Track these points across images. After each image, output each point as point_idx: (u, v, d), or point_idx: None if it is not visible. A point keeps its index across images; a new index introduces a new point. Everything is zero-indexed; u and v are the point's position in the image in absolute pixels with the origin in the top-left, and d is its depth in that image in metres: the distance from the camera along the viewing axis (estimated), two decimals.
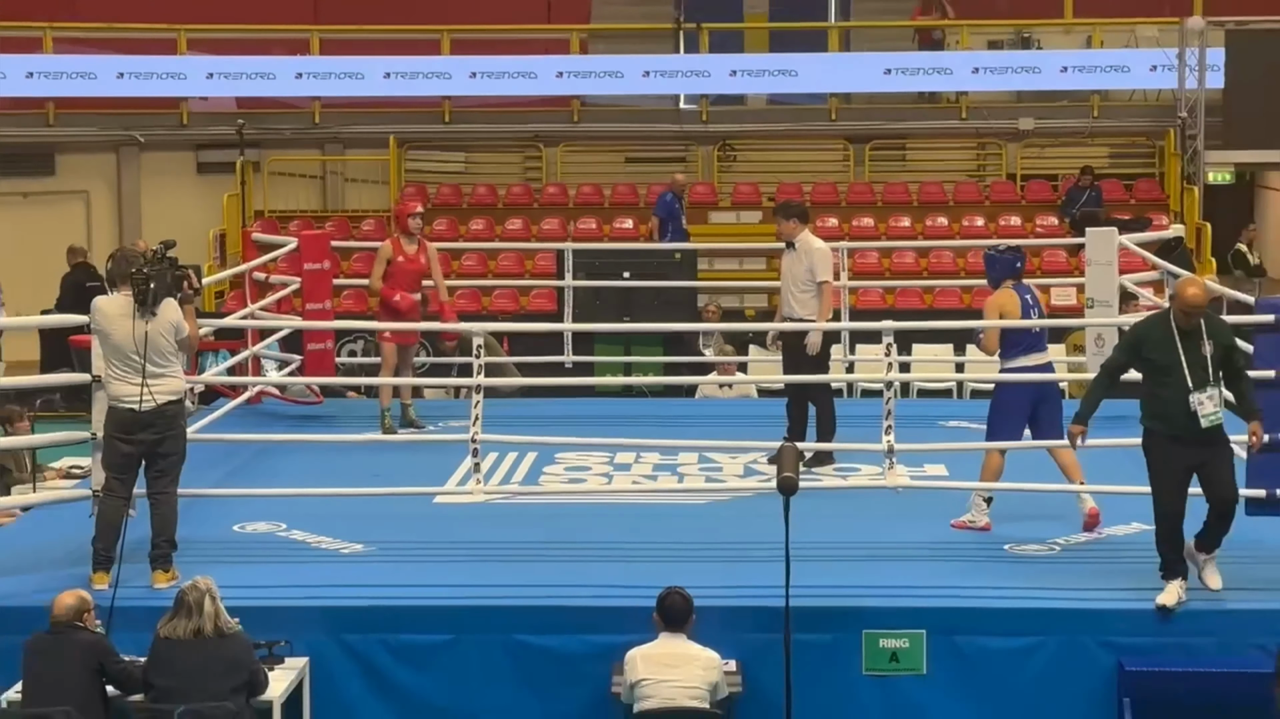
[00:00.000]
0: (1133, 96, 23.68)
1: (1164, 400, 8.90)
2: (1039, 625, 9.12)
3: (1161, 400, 8.91)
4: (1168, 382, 8.86)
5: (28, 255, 21.89)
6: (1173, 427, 8.90)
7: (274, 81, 23.31)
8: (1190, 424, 8.83)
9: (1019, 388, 10.47)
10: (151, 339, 9.37)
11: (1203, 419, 8.81)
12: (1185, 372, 8.80)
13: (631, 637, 8.82)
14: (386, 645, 9.22)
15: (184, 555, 9.61)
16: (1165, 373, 8.88)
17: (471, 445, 10.72)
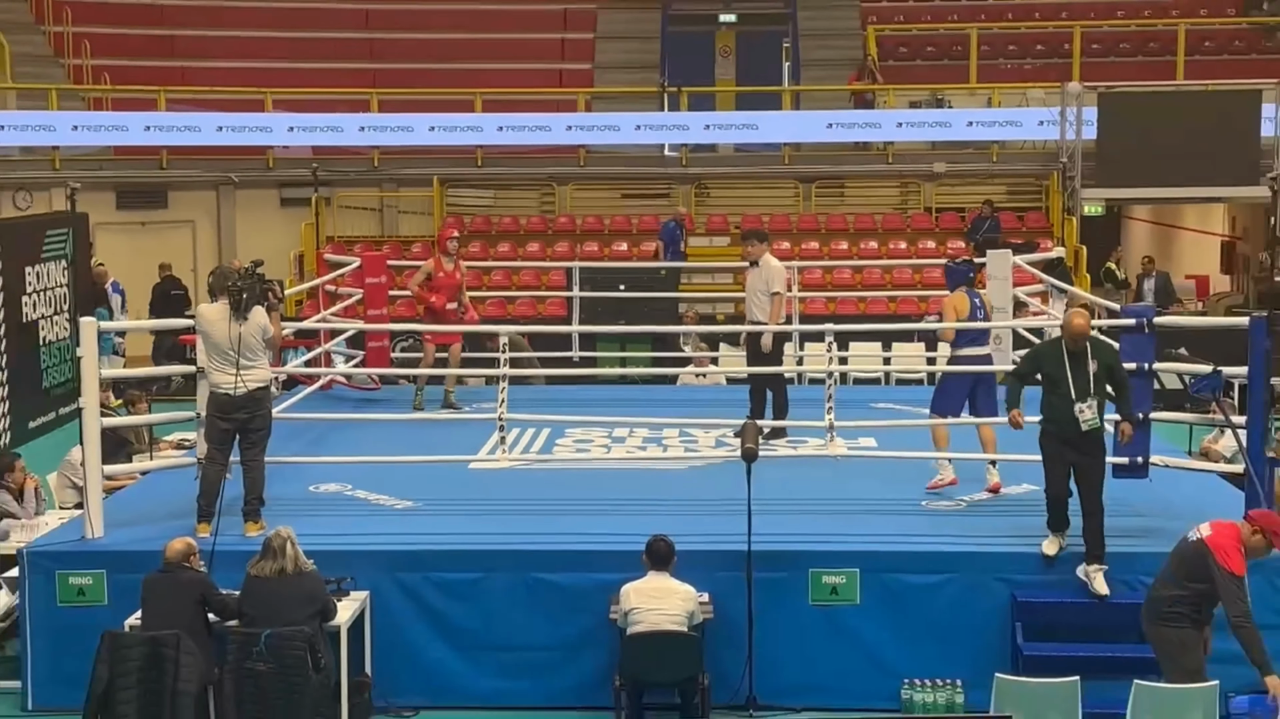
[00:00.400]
0: (1024, 145, 23.61)
1: (1054, 407, 8.85)
2: (949, 565, 9.14)
3: (1053, 407, 8.87)
4: (1058, 392, 8.81)
5: (145, 272, 21.82)
6: (1061, 428, 8.84)
7: (341, 134, 23.21)
8: (1073, 427, 8.79)
9: (961, 373, 10.44)
10: (244, 338, 9.36)
11: (1083, 424, 8.77)
12: (1070, 385, 8.76)
13: (625, 574, 8.82)
14: (430, 581, 9.24)
15: (270, 510, 9.62)
16: (1056, 385, 8.82)
17: (499, 423, 10.71)
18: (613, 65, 26.11)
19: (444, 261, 13.30)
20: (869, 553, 9.19)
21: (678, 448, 11.89)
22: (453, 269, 13.30)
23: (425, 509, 10.13)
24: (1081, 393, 8.77)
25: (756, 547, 8.76)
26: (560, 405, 12.71)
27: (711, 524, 9.48)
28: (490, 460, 11.11)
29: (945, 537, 9.41)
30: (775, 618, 9.02)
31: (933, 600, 9.10)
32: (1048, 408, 8.93)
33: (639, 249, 22.17)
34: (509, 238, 22.77)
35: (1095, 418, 8.81)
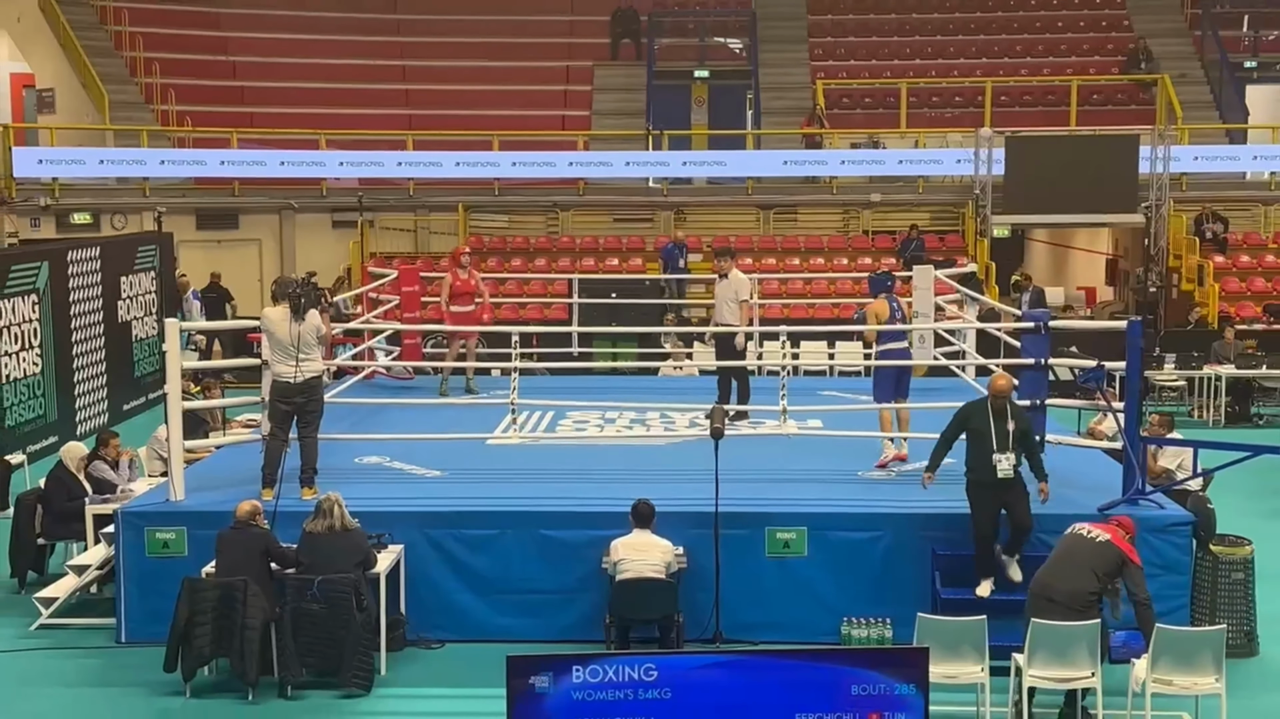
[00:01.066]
0: (945, 180, 23.60)
1: (977, 457, 8.60)
2: (881, 525, 9.16)
3: (976, 457, 8.61)
4: (981, 445, 8.57)
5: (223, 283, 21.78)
6: (982, 476, 8.60)
7: (383, 168, 23.13)
8: (993, 475, 8.54)
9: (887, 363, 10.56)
10: (302, 336, 9.34)
11: (999, 472, 8.54)
12: (993, 438, 8.54)
13: (614, 531, 8.83)
14: (455, 537, 9.25)
15: (322, 478, 9.59)
16: (980, 439, 8.58)
17: (511, 406, 10.69)
18: (607, 112, 26.07)
19: (459, 272, 13.34)
20: (815, 514, 9.21)
21: (658, 427, 11.90)
22: (467, 277, 13.34)
23: (450, 477, 10.13)
24: (1001, 445, 8.50)
25: (723, 509, 8.77)
26: (562, 392, 12.70)
27: (686, 490, 9.49)
28: (504, 437, 11.11)
29: (878, 500, 9.43)
30: (738, 567, 9.04)
31: (867, 553, 9.13)
32: (972, 458, 8.63)
33: (628, 263, 22.15)
34: (521, 254, 22.74)
35: (1010, 469, 8.54)
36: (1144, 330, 9.31)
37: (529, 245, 23.11)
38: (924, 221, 23.16)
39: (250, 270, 22.72)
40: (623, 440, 11.49)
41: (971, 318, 13.88)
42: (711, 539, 8.79)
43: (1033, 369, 9.65)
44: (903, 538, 9.10)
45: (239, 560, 8.37)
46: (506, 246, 23.12)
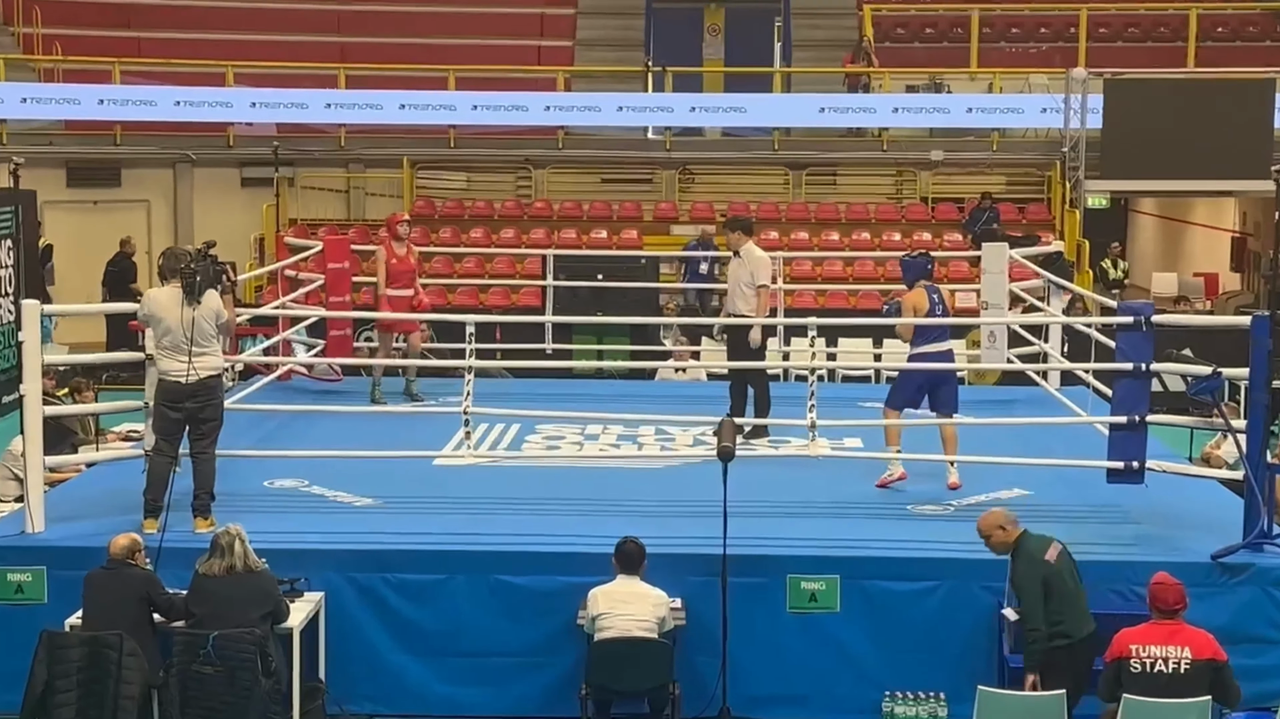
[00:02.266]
0: (1026, 134, 23.70)
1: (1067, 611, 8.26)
2: (933, 572, 9.17)
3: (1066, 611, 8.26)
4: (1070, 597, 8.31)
5: (96, 254, 21.79)
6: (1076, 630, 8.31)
7: (306, 111, 23.18)
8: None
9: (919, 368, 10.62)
10: (196, 323, 9.37)
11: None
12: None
13: (594, 578, 8.85)
14: (389, 583, 9.25)
15: (222, 506, 9.62)
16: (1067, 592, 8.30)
17: (464, 417, 10.72)
18: (594, 43, 26.14)
19: (395, 247, 13.41)
20: (850, 558, 9.22)
21: (653, 446, 11.93)
22: (405, 253, 13.41)
23: (385, 507, 10.15)
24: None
25: (732, 550, 8.79)
26: (530, 399, 12.73)
27: (685, 526, 9.51)
28: (455, 456, 11.13)
29: (930, 542, 9.43)
30: (751, 625, 9.05)
31: (916, 608, 9.13)
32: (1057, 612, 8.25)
33: (619, 236, 22.20)
34: (482, 223, 22.79)
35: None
36: (1274, 329, 9.34)
37: (493, 212, 23.17)
38: (998, 188, 23.24)
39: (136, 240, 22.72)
40: (607, 462, 11.51)
41: (1056, 311, 13.94)
42: (718, 589, 8.81)
43: (1131, 376, 9.69)
44: (962, 590, 9.12)
45: (113, 609, 8.38)
46: (464, 213, 23.18)
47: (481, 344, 11.30)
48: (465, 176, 24.26)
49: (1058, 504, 10.25)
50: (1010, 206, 22.83)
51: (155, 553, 8.88)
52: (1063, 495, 10.43)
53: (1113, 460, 9.70)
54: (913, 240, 22.11)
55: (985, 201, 21.96)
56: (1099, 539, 9.42)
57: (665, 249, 21.12)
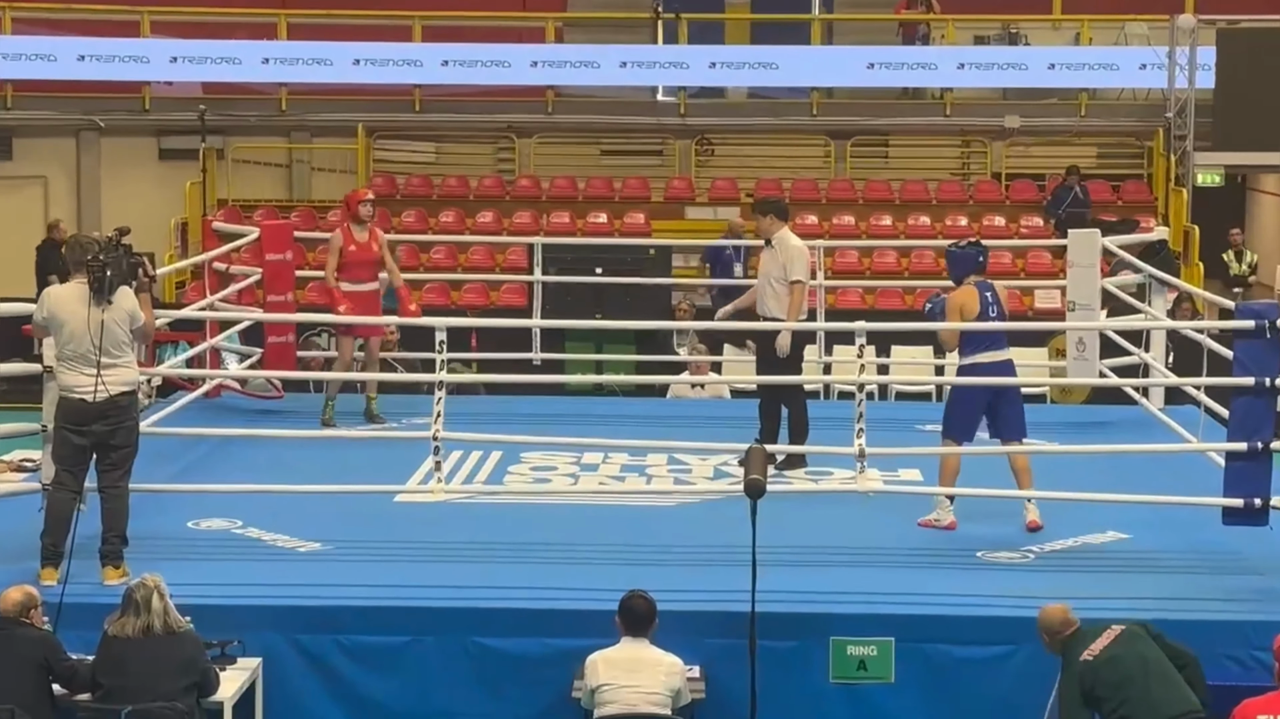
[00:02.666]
0: (1121, 95, 23.76)
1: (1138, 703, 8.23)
2: (1009, 634, 9.13)
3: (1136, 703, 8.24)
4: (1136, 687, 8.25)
5: None
6: None
7: (239, 66, 23.26)
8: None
9: (974, 385, 10.66)
10: (107, 328, 9.36)
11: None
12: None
13: (593, 640, 8.84)
14: (341, 646, 9.22)
15: (136, 552, 9.60)
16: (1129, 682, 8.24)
17: (434, 443, 10.73)
18: None
19: (355, 231, 13.42)
20: (907, 617, 9.22)
21: (665, 479, 11.93)
22: (367, 239, 13.42)
23: (337, 553, 10.14)
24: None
25: (762, 607, 8.79)
26: (515, 422, 12.73)
27: (705, 577, 9.50)
28: (422, 492, 11.10)
29: (1004, 597, 9.42)
30: (785, 699, 9.03)
31: (987, 678, 9.13)
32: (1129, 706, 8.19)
33: (622, 221, 22.25)
34: (454, 204, 22.85)
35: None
36: None
37: (468, 191, 23.22)
38: (1088, 161, 23.29)
39: (29, 224, 22.81)
40: (609, 498, 11.50)
41: (1160, 313, 13.95)
42: (744, 654, 8.81)
43: (1252, 394, 9.70)
44: (1043, 655, 9.03)
45: (3, 678, 8.39)
46: (433, 193, 23.25)
47: (454, 353, 11.31)
48: (434, 148, 24.33)
49: (1161, 551, 10.26)
50: (1102, 184, 22.88)
51: (55, 609, 8.88)
52: (1168, 540, 10.42)
53: (1230, 497, 9.68)
54: (981, 225, 22.18)
55: (1071, 178, 22.01)
56: (1213, 594, 9.41)
57: (680, 237, 21.16)
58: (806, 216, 22.23)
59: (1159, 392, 13.52)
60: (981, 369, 10.66)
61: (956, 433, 10.69)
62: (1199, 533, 10.29)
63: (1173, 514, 10.66)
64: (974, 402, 10.68)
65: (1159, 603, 9.21)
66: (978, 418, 10.71)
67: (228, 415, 13.55)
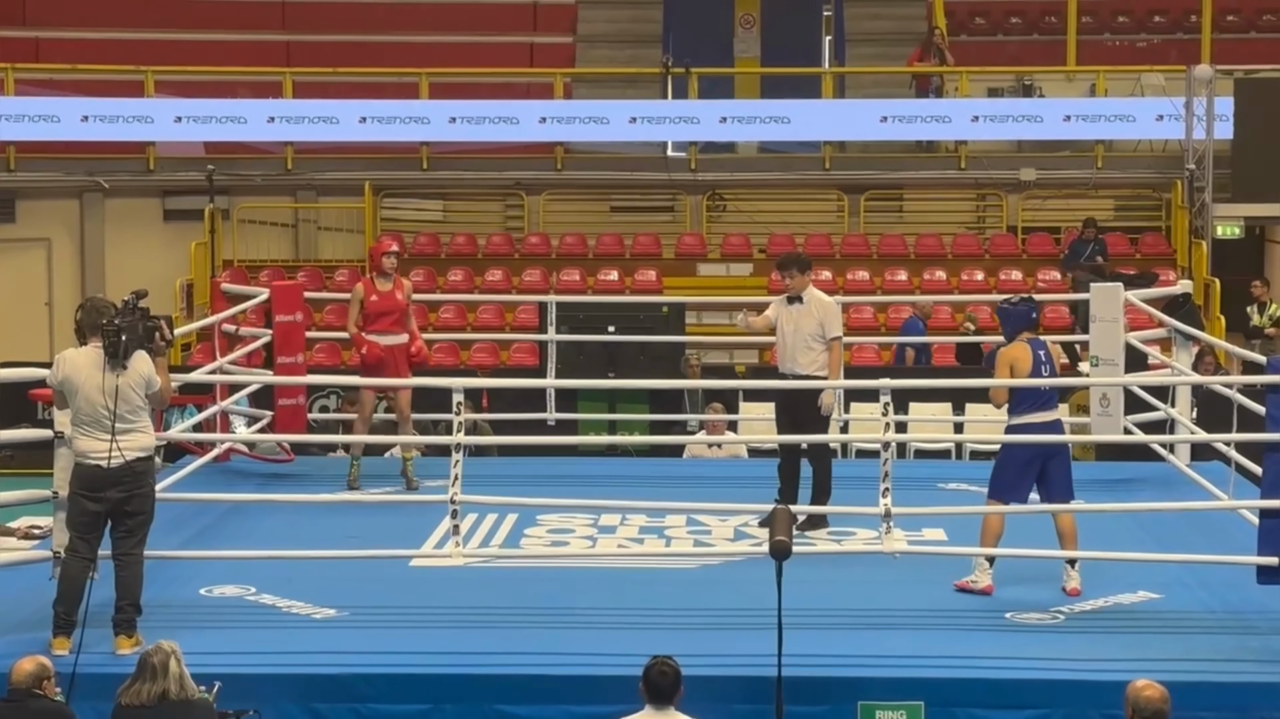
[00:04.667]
0: (1138, 147, 23.78)
1: None
2: (1042, 698, 9.11)
3: None
4: None
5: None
6: None
7: (244, 125, 23.32)
8: None
9: (1025, 445, 10.59)
10: (122, 392, 9.37)
11: None
12: None
13: (616, 707, 8.75)
14: (360, 715, 9.20)
15: (148, 620, 9.58)
16: None
17: (450, 506, 10.70)
18: (600, 38, 26.31)
19: (378, 283, 13.39)
20: (937, 680, 9.19)
21: (685, 540, 11.89)
22: (390, 290, 13.38)
23: (353, 620, 10.12)
24: None
25: (789, 671, 8.72)
26: (530, 483, 12.70)
27: (729, 641, 9.48)
28: (439, 556, 11.10)
29: (1036, 659, 9.40)
30: None
31: None
32: None
33: (634, 278, 22.26)
34: (463, 263, 22.86)
35: None
36: None
37: (476, 249, 23.24)
38: (1105, 214, 23.29)
39: (33, 286, 22.83)
40: (628, 561, 11.47)
41: (1185, 366, 13.93)
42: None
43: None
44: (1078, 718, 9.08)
45: None
46: (441, 251, 23.27)
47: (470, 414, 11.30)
48: (442, 205, 24.36)
49: (1192, 611, 10.22)
50: (1120, 237, 22.86)
51: (68, 680, 8.85)
52: (1199, 600, 10.38)
53: (1264, 555, 9.65)
54: (999, 280, 22.18)
55: (1089, 231, 21.98)
56: (1248, 655, 9.38)
57: (693, 294, 21.16)
58: (821, 272, 22.11)
59: (1185, 448, 13.49)
60: (1033, 429, 10.57)
61: (1003, 494, 10.61)
62: (1233, 592, 10.27)
63: (1206, 573, 10.63)
64: (1023, 462, 10.56)
65: (1193, 664, 9.18)
66: (1029, 480, 10.61)
67: (238, 480, 13.54)
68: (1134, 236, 23.14)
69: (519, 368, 19.89)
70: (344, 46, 25.27)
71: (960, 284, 22.20)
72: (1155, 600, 10.36)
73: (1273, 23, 25.55)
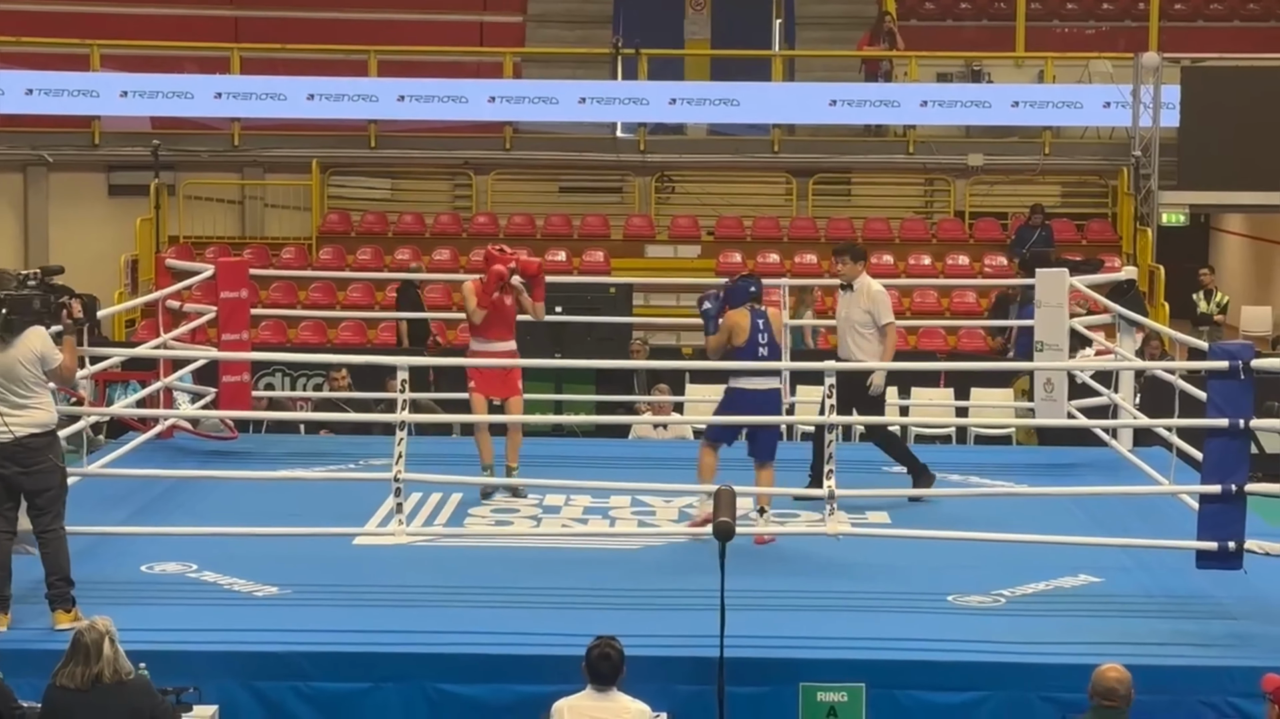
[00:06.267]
0: (1085, 134, 23.86)
1: None
2: (982, 680, 9.14)
3: None
4: None
5: None
6: None
7: (191, 101, 23.20)
8: None
9: (737, 404, 11.28)
10: (10, 368, 9.28)
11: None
12: None
13: (558, 687, 8.74)
14: (300, 693, 9.15)
15: (89, 596, 9.51)
16: None
17: (394, 484, 10.66)
18: (550, 18, 26.23)
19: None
20: (878, 662, 9.20)
21: (629, 521, 11.90)
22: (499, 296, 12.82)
23: (295, 598, 10.07)
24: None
25: (731, 652, 8.71)
26: (475, 463, 12.69)
27: (672, 622, 9.47)
28: (382, 534, 11.08)
29: (977, 642, 9.42)
30: None
31: None
32: None
33: (581, 259, 22.24)
34: (411, 241, 22.80)
35: None
36: None
37: (424, 228, 23.18)
38: (1052, 200, 23.38)
39: None
40: (571, 541, 11.46)
41: (1128, 352, 13.99)
42: (712, 701, 8.74)
43: (1226, 435, 9.72)
44: (1018, 702, 9.10)
45: None
46: (388, 229, 23.21)
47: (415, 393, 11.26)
48: (389, 184, 24.28)
49: (1132, 595, 10.26)
50: (1066, 223, 22.95)
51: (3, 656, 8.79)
52: (1140, 583, 10.44)
53: (1203, 540, 9.70)
54: (945, 265, 22.25)
55: (1036, 217, 22.06)
56: (1187, 639, 9.42)
57: (640, 275, 21.15)
58: (768, 255, 22.27)
59: (1127, 433, 13.55)
60: (746, 395, 11.26)
61: (713, 439, 11.42)
62: (1172, 576, 10.32)
63: (1146, 557, 10.69)
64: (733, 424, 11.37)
65: (1132, 647, 9.17)
66: (734, 434, 11.42)
67: (181, 456, 13.47)
68: (1080, 223, 23.24)
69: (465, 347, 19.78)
70: (292, 23, 25.09)
71: (908, 268, 22.25)
72: (1096, 584, 10.40)
73: (1220, 11, 25.67)
